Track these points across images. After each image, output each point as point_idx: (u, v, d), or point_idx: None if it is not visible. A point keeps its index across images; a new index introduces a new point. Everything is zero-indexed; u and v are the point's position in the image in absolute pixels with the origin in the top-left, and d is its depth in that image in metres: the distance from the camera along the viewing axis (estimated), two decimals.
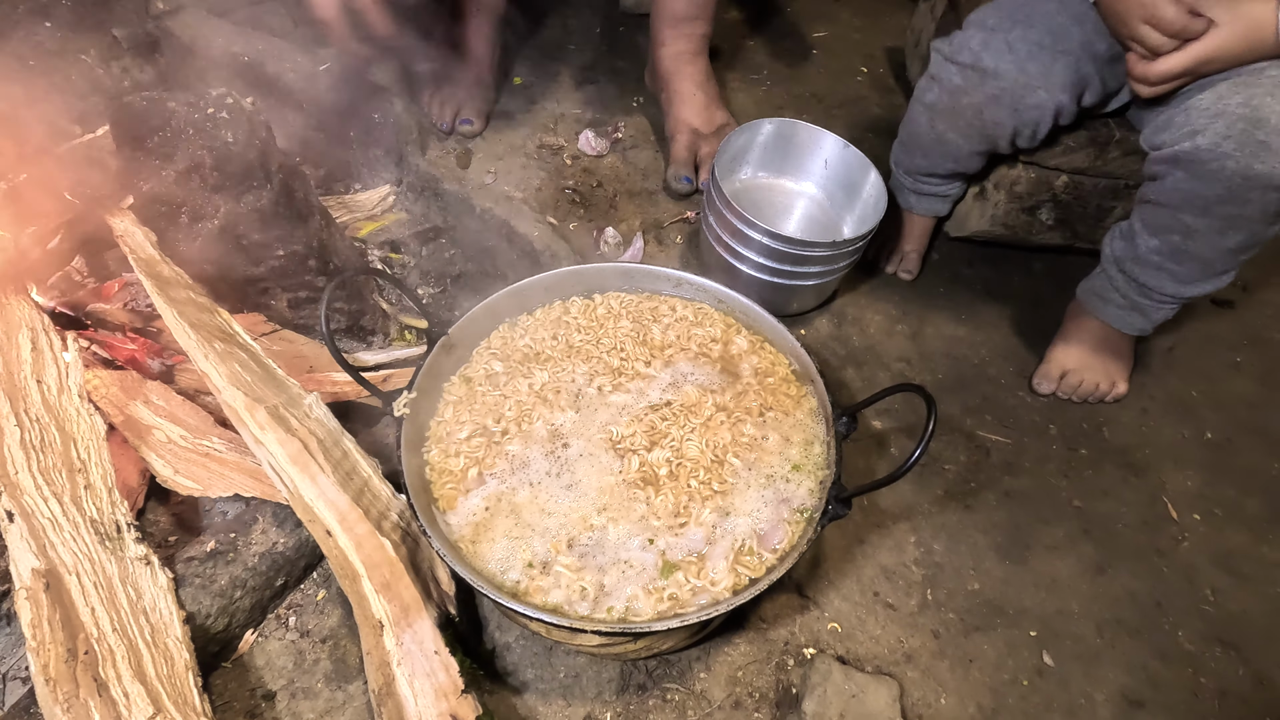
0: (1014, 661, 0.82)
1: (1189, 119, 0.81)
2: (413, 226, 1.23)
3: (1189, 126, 0.81)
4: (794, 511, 0.73)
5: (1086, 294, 1.04)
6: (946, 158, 1.07)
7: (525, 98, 1.44)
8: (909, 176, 1.16)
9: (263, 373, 0.81)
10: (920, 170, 1.13)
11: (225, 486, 0.79)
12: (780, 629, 0.83)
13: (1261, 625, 0.87)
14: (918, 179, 1.15)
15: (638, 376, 0.83)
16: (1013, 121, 0.97)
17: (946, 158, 1.07)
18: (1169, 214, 0.88)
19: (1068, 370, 1.05)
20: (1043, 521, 0.94)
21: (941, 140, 1.05)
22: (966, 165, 1.08)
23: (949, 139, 1.04)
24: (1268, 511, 0.97)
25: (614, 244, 1.22)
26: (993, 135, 1.00)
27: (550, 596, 0.66)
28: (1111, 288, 0.99)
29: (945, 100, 1.01)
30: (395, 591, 0.71)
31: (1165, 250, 0.90)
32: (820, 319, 1.14)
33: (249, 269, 0.98)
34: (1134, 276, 0.95)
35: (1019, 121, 0.96)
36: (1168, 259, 0.91)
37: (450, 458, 0.76)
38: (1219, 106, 0.79)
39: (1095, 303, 1.02)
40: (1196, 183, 0.82)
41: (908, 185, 1.17)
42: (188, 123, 0.88)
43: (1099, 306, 1.02)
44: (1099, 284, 1.01)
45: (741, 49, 1.61)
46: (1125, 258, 0.95)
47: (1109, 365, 1.05)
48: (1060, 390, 1.05)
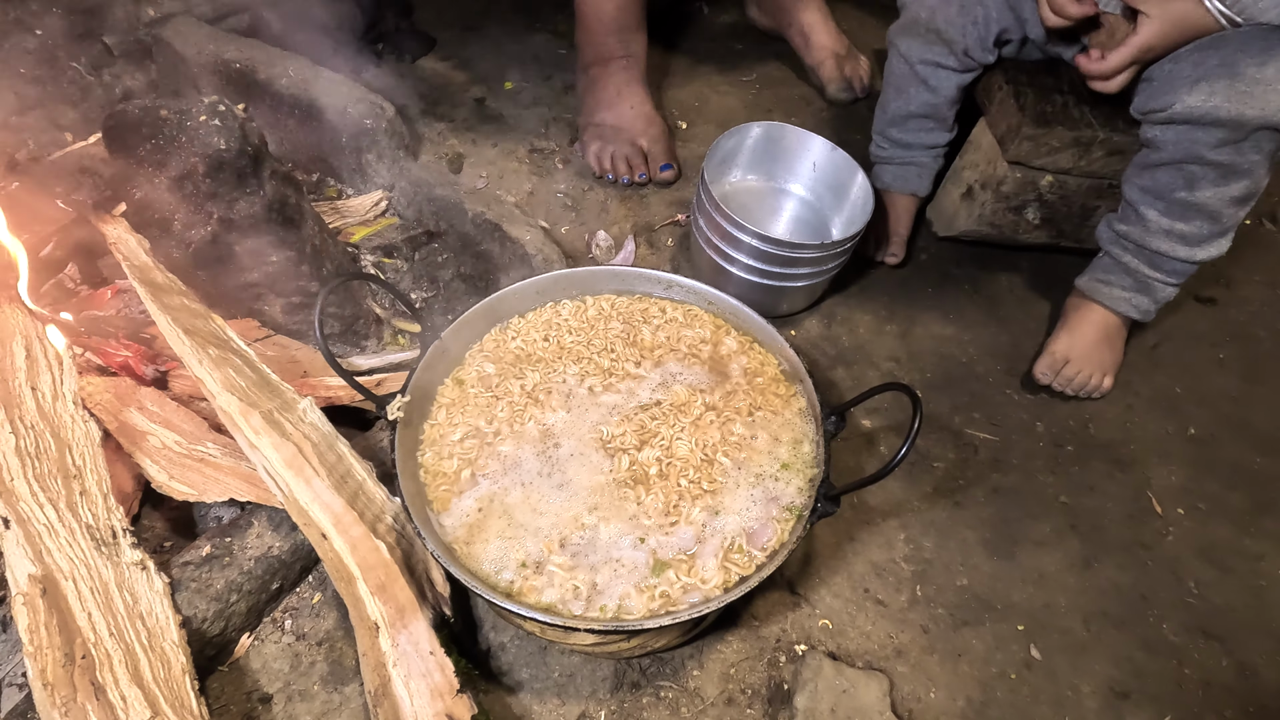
0: (1002, 655, 0.84)
1: (1174, 84, 0.88)
2: (405, 231, 1.23)
3: (1177, 90, 0.88)
4: (783, 509, 0.74)
5: (1089, 284, 1.07)
6: (918, 87, 1.12)
7: (516, 102, 1.45)
8: (887, 142, 1.20)
9: (257, 378, 0.81)
10: (898, 118, 1.16)
11: (220, 491, 0.80)
12: (772, 626, 0.84)
13: (1244, 617, 0.89)
14: (895, 146, 1.19)
15: (628, 377, 0.84)
16: (961, 19, 1.04)
17: (918, 87, 1.12)
18: (1172, 171, 0.93)
19: (1068, 360, 1.07)
20: (1030, 517, 0.96)
21: (909, 66, 1.11)
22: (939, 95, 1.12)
23: (913, 59, 1.10)
24: (1250, 505, 0.99)
25: (606, 247, 1.23)
26: (948, 37, 1.06)
27: (544, 596, 0.67)
28: (1119, 270, 1.03)
29: (904, 17, 1.10)
30: (390, 593, 0.72)
31: (1174, 211, 0.95)
32: (810, 320, 1.15)
33: (242, 275, 0.98)
34: (1145, 245, 0.99)
35: (965, 20, 1.04)
36: (1177, 219, 0.95)
37: (444, 460, 0.76)
38: (1200, 71, 0.86)
39: (1100, 290, 1.06)
40: (1196, 132, 0.89)
41: (885, 156, 1.21)
42: (180, 130, 0.89)
43: (1103, 293, 1.05)
44: (1102, 270, 1.05)
45: (730, 52, 1.62)
46: (1132, 234, 1.00)
47: (1104, 358, 1.07)
48: (1056, 382, 1.07)
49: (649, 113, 1.33)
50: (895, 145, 1.20)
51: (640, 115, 1.32)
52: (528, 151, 1.35)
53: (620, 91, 1.31)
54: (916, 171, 1.20)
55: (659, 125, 1.34)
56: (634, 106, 1.31)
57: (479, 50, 1.56)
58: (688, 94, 1.51)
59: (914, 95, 1.13)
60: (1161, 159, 0.93)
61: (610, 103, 1.31)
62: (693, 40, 1.65)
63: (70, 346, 0.85)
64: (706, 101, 1.50)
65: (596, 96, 1.32)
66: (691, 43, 1.63)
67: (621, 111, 1.31)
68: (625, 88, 1.31)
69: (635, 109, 1.31)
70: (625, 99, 1.31)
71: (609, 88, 1.31)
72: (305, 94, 1.25)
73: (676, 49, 1.60)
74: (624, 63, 1.31)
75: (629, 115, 1.31)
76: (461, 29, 1.61)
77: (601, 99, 1.32)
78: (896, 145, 1.20)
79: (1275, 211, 1.40)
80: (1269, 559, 0.94)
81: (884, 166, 1.22)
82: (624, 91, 1.31)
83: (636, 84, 1.32)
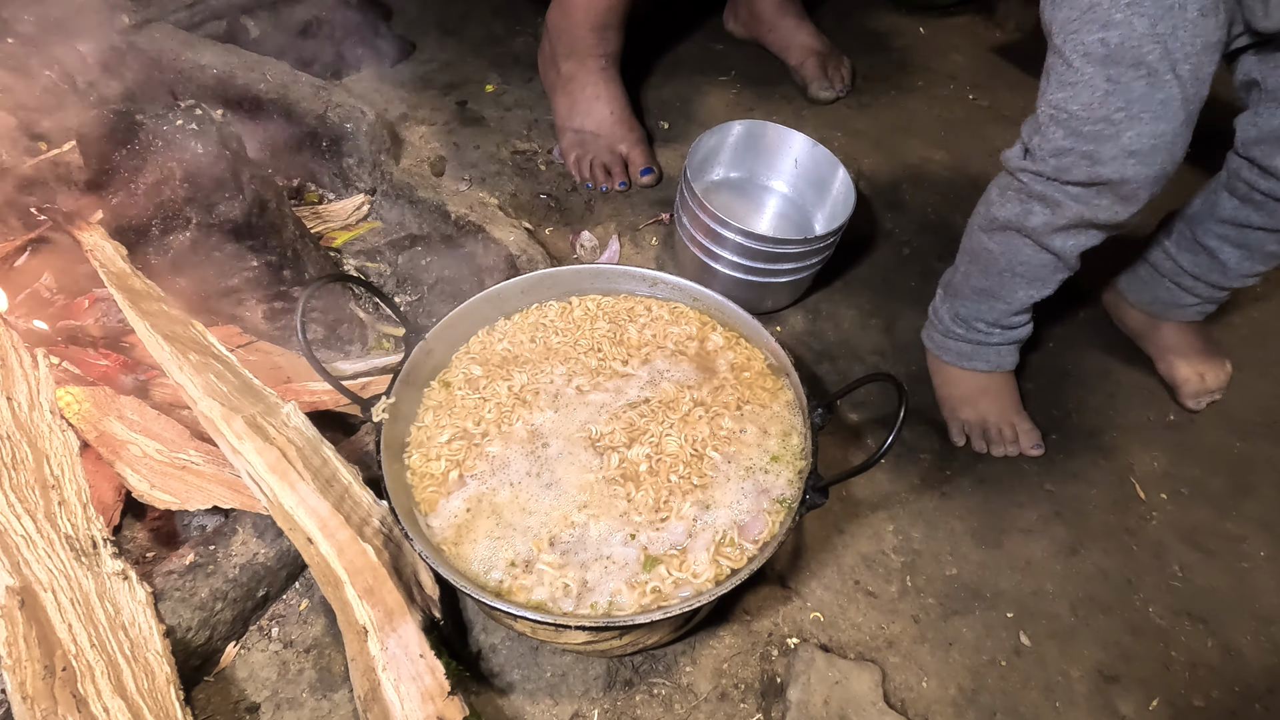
0: (992, 643, 0.84)
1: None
2: (388, 235, 1.23)
3: None
4: (774, 502, 0.74)
5: (1156, 305, 1.06)
6: (1064, 272, 0.91)
7: (498, 105, 1.45)
8: (995, 329, 0.98)
9: (239, 383, 0.80)
10: (1024, 306, 0.96)
11: (203, 499, 0.79)
12: (764, 620, 0.84)
13: (1228, 598, 0.90)
14: (1003, 329, 0.98)
15: (615, 375, 0.84)
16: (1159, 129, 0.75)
17: (1064, 272, 0.91)
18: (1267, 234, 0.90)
19: (1203, 376, 1.06)
20: (1016, 506, 0.97)
21: (1053, 255, 0.88)
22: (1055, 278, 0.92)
23: (1068, 249, 0.87)
24: (1230, 488, 1.01)
25: (590, 248, 1.23)
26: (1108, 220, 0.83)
27: (534, 594, 0.67)
28: (1188, 294, 1.01)
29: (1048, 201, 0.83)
30: (378, 596, 0.71)
31: (1257, 258, 0.93)
32: (795, 315, 1.16)
33: (223, 281, 0.97)
34: (1223, 286, 0.98)
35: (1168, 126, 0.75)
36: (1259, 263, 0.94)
37: (431, 461, 0.76)
38: None
39: (1174, 312, 1.05)
40: None
41: (987, 339, 0.99)
42: (156, 135, 0.88)
43: (1180, 312, 1.04)
44: (1167, 292, 1.03)
45: (710, 53, 1.63)
46: (1209, 277, 0.98)
47: (1214, 354, 1.08)
48: (1209, 400, 1.07)
49: (628, 118, 1.33)
50: (1004, 328, 0.99)
51: (620, 121, 1.32)
52: (510, 153, 1.35)
53: (599, 95, 1.30)
54: (1014, 350, 1.01)
55: (638, 130, 1.34)
56: (613, 112, 1.31)
57: (459, 54, 1.56)
58: (668, 94, 1.52)
59: (1056, 279, 0.92)
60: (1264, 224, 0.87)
61: (588, 108, 1.31)
62: (672, 41, 1.66)
63: (47, 356, 0.84)
64: (688, 101, 1.51)
65: (573, 98, 1.32)
66: (671, 43, 1.64)
67: (601, 117, 1.31)
68: (604, 90, 1.31)
69: (614, 114, 1.31)
70: (604, 103, 1.31)
71: (586, 89, 1.30)
72: (283, 99, 1.24)
73: (655, 49, 1.61)
74: (601, 63, 1.30)
75: (608, 121, 1.31)
76: (441, 33, 1.61)
77: (579, 102, 1.31)
78: (1006, 328, 0.99)
79: None
80: (1250, 541, 0.96)
81: (982, 348, 1.00)
82: (602, 95, 1.31)
83: (615, 86, 1.32)
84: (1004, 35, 1.82)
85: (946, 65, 1.69)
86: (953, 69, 1.68)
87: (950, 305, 1.00)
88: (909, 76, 1.63)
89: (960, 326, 1.00)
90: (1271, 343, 1.19)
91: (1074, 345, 1.16)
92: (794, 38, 1.53)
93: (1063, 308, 1.20)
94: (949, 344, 1.01)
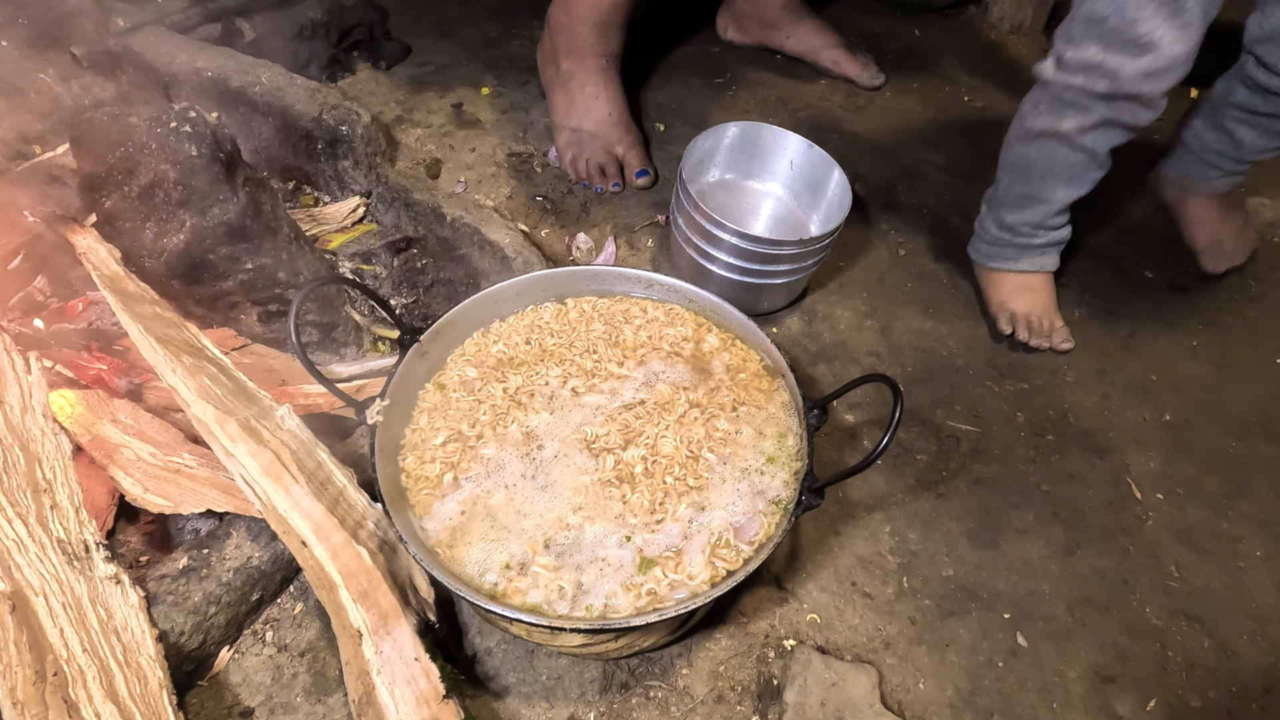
0: (989, 644, 0.84)
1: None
2: (384, 237, 1.23)
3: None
4: (769, 503, 0.74)
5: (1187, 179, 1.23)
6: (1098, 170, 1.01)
7: (494, 107, 1.45)
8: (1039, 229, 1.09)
9: (233, 386, 0.80)
10: (1065, 206, 1.06)
11: (197, 503, 0.78)
12: (760, 622, 0.84)
13: (1223, 598, 0.90)
14: (1047, 230, 1.09)
15: (611, 377, 0.84)
16: None
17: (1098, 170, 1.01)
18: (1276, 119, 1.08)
19: (1222, 242, 1.22)
20: (1013, 506, 0.97)
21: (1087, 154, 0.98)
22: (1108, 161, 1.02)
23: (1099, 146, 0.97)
24: (1226, 488, 1.01)
25: (586, 249, 1.23)
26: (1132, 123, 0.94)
27: (529, 597, 0.67)
28: (1213, 169, 1.19)
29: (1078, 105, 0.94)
30: (373, 600, 0.71)
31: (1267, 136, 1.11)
32: (791, 317, 1.16)
33: (217, 283, 0.97)
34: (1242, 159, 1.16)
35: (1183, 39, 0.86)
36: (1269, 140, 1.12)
37: (426, 464, 0.76)
38: None
39: (1202, 184, 1.22)
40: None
41: (1031, 243, 1.10)
42: (150, 138, 0.88)
43: (1209, 185, 1.22)
44: (1196, 168, 1.21)
45: (706, 55, 1.63)
46: (1223, 148, 1.15)
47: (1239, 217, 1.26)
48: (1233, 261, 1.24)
49: (626, 119, 1.33)
50: (1047, 229, 1.09)
51: (618, 122, 1.32)
52: (506, 155, 1.35)
53: (598, 95, 1.30)
54: (1054, 251, 1.13)
55: (634, 132, 1.34)
56: (611, 113, 1.31)
57: (455, 56, 1.56)
58: (664, 96, 1.52)
59: (1090, 177, 1.02)
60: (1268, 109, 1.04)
61: (587, 108, 1.31)
62: (668, 43, 1.66)
63: (40, 359, 0.84)
64: (683, 103, 1.51)
65: (571, 95, 1.31)
66: (667, 45, 1.65)
67: (599, 118, 1.31)
68: (603, 91, 1.31)
69: (613, 115, 1.31)
70: (603, 103, 1.31)
71: (586, 88, 1.30)
72: (279, 102, 1.24)
73: (652, 52, 1.61)
74: (602, 62, 1.30)
75: (606, 122, 1.31)
76: (438, 36, 1.61)
77: (578, 101, 1.31)
78: (1049, 229, 1.09)
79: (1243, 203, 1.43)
80: (1246, 541, 0.96)
81: (1027, 250, 1.11)
82: (601, 95, 1.30)
83: (614, 87, 1.32)
84: (999, 37, 1.83)
85: (942, 67, 1.69)
86: (948, 70, 1.68)
87: (995, 215, 1.12)
88: (904, 78, 1.63)
89: (1006, 233, 1.11)
90: (1265, 342, 1.19)
91: None
92: (817, 38, 1.55)
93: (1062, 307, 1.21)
94: (996, 250, 1.14)
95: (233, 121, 1.31)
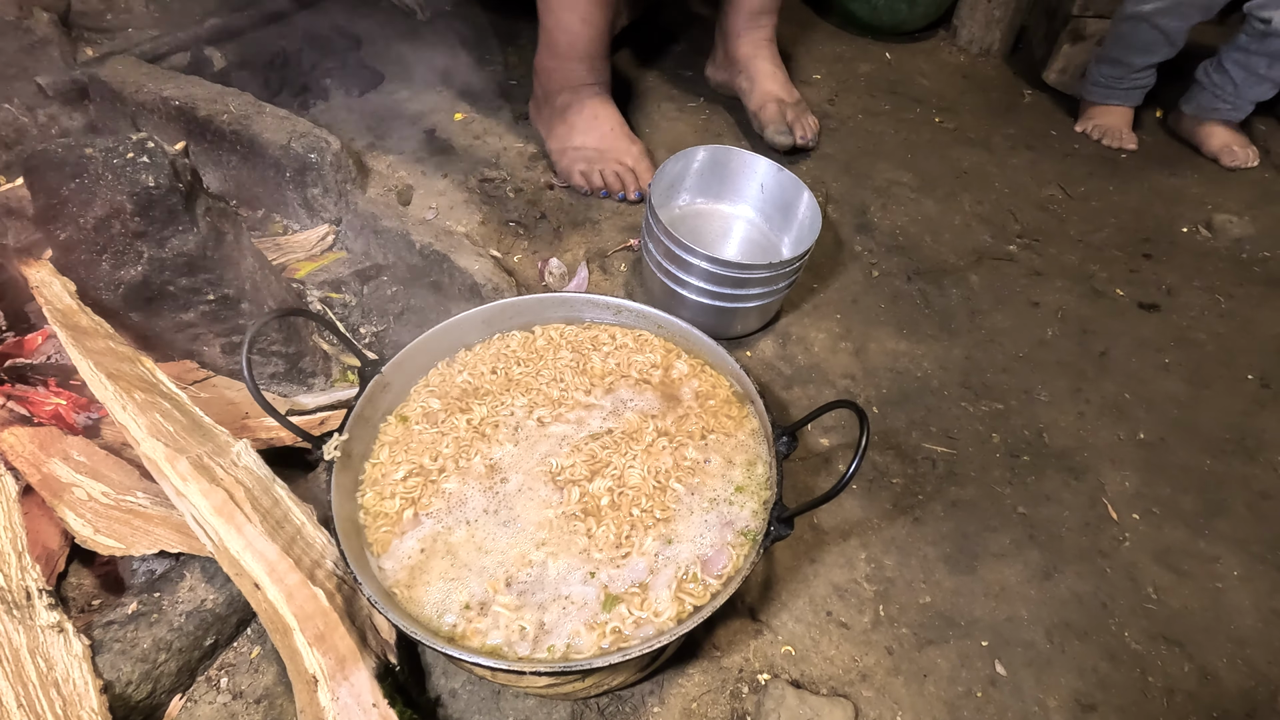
0: (967, 673, 0.82)
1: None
2: (353, 265, 1.21)
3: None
4: (738, 534, 0.72)
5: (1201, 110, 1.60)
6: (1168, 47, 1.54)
7: (467, 133, 1.45)
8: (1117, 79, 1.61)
9: (187, 421, 0.78)
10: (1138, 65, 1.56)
11: (150, 543, 0.76)
12: (734, 655, 0.81)
13: (1202, 621, 0.89)
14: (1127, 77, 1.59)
15: (578, 406, 0.83)
16: None
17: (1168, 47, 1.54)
18: (1262, 58, 1.46)
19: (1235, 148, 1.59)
20: (989, 530, 0.95)
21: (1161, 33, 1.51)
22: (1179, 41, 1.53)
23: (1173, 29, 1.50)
24: (1202, 507, 1.00)
25: (559, 274, 1.22)
26: None
27: (489, 639, 0.64)
28: (1221, 101, 1.56)
29: None
30: (330, 643, 0.68)
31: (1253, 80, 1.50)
32: (765, 340, 1.15)
33: (178, 315, 0.95)
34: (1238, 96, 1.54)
35: None
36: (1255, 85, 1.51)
37: (385, 500, 0.74)
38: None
39: (1212, 113, 1.59)
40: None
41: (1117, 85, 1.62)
42: (106, 169, 0.86)
43: (1216, 114, 1.58)
44: (1208, 101, 1.58)
45: (679, 79, 1.65)
46: (1225, 85, 1.54)
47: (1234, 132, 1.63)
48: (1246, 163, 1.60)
49: (629, 133, 1.36)
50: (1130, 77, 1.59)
51: (622, 135, 1.35)
52: (479, 181, 1.34)
53: (596, 115, 1.33)
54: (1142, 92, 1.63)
55: (639, 143, 1.37)
56: (613, 128, 1.34)
57: (428, 83, 1.56)
58: (638, 120, 1.52)
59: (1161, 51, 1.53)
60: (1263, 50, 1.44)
61: (587, 127, 1.33)
62: (642, 68, 1.67)
63: None
64: (656, 127, 1.51)
65: (570, 122, 1.33)
66: (640, 70, 1.66)
67: (602, 132, 1.33)
68: (601, 110, 1.33)
69: (615, 130, 1.34)
70: (603, 120, 1.33)
71: (584, 112, 1.33)
72: (247, 130, 1.23)
73: (626, 76, 1.62)
74: (595, 89, 1.33)
75: (610, 136, 1.33)
76: (411, 62, 1.61)
77: (577, 124, 1.33)
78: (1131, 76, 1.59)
79: (1210, 219, 1.44)
80: (1224, 561, 0.95)
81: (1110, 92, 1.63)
82: (600, 115, 1.33)
83: (610, 106, 1.35)
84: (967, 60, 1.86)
85: (913, 89, 1.71)
86: (919, 93, 1.71)
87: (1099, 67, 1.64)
88: (876, 100, 1.65)
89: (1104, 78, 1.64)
90: (1237, 358, 1.20)
91: (1041, 365, 1.16)
92: (759, 81, 1.47)
93: (1035, 327, 1.21)
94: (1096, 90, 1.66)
95: (200, 150, 1.30)
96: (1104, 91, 1.63)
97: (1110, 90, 1.62)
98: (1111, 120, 1.64)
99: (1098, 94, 1.64)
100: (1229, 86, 1.52)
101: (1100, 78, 1.63)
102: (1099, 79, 1.63)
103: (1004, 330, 1.20)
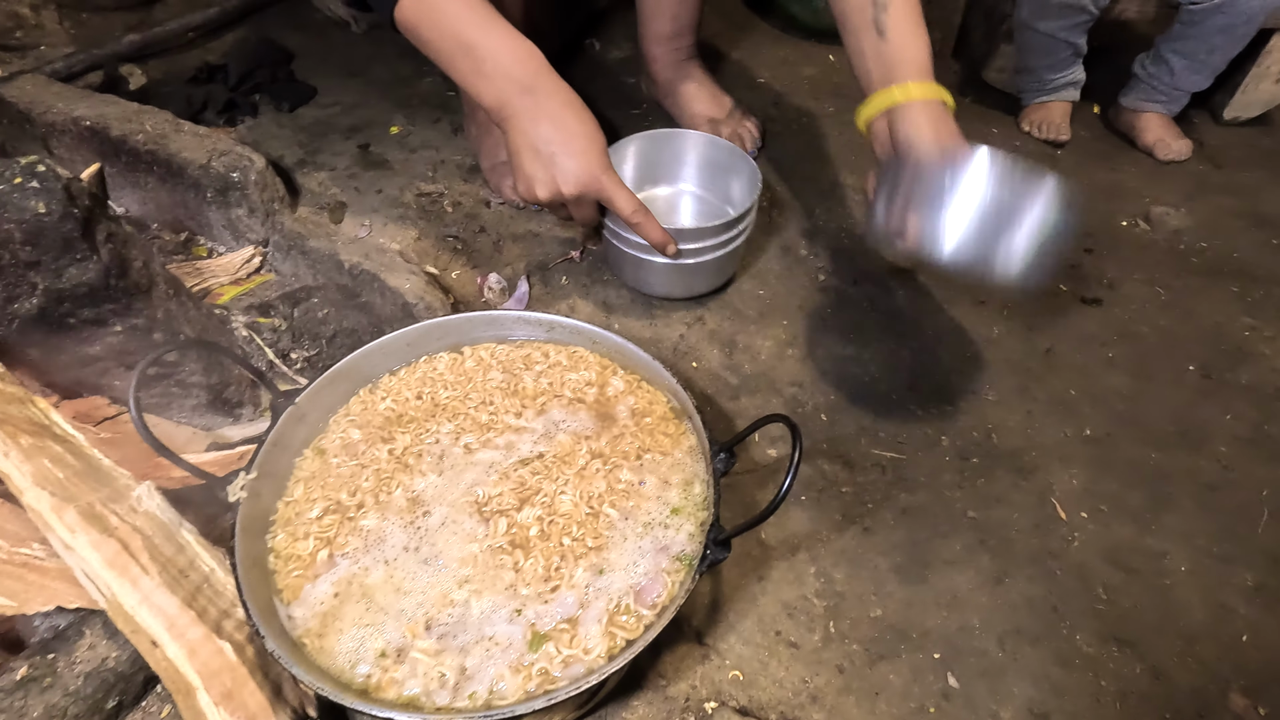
0: (920, 688, 0.80)
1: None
2: (282, 288, 1.16)
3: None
4: (673, 560, 0.69)
5: (1138, 103, 1.61)
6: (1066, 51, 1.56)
7: (403, 146, 1.40)
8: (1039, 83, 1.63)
9: (81, 466, 0.73)
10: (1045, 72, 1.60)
11: (45, 599, 0.70)
12: (680, 684, 0.78)
13: (1152, 619, 0.88)
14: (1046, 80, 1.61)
15: (508, 430, 0.79)
16: None
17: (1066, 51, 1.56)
18: (1200, 43, 1.46)
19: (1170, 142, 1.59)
20: (940, 536, 0.94)
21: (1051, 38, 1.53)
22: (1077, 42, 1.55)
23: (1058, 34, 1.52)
24: (1149, 502, 1.00)
25: (499, 289, 1.19)
26: None
27: (405, 689, 0.60)
28: (1158, 92, 1.58)
29: None
30: (238, 701, 0.64)
31: (1192, 68, 1.51)
32: (710, 349, 1.13)
33: (82, 348, 0.89)
34: (1175, 86, 1.55)
35: None
36: (1193, 73, 1.53)
37: (298, 541, 0.69)
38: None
39: (1148, 105, 1.60)
40: (1229, 19, 1.40)
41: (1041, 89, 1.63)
42: None
43: (1153, 106, 1.60)
44: (1144, 93, 1.59)
45: (622, 85, 1.62)
46: (1162, 76, 1.55)
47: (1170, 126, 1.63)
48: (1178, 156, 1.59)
49: None
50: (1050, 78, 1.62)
51: None
52: (415, 195, 1.30)
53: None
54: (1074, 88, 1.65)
55: None
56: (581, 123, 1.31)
57: (363, 96, 1.51)
58: None
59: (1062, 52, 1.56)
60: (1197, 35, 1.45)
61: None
62: (585, 74, 1.65)
63: None
64: None
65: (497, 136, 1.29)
66: (584, 76, 1.63)
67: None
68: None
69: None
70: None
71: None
72: (164, 150, 1.17)
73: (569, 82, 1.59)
74: None
75: None
76: (345, 75, 1.56)
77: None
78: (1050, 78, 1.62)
79: (1148, 212, 1.46)
80: (1171, 556, 0.95)
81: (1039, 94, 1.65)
82: None
83: None
84: None
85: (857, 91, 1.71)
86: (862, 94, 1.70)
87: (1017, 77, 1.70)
88: (819, 102, 1.64)
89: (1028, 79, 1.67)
90: (1178, 350, 1.20)
91: (987, 366, 1.15)
92: (688, 105, 1.44)
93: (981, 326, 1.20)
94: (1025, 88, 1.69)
95: (116, 172, 1.24)
96: (1032, 95, 1.68)
97: (1037, 94, 1.66)
98: (1047, 115, 1.67)
99: (1027, 97, 1.69)
100: (1166, 77, 1.54)
101: (1021, 84, 1.68)
102: (1021, 85, 1.68)
103: (950, 330, 1.20)
